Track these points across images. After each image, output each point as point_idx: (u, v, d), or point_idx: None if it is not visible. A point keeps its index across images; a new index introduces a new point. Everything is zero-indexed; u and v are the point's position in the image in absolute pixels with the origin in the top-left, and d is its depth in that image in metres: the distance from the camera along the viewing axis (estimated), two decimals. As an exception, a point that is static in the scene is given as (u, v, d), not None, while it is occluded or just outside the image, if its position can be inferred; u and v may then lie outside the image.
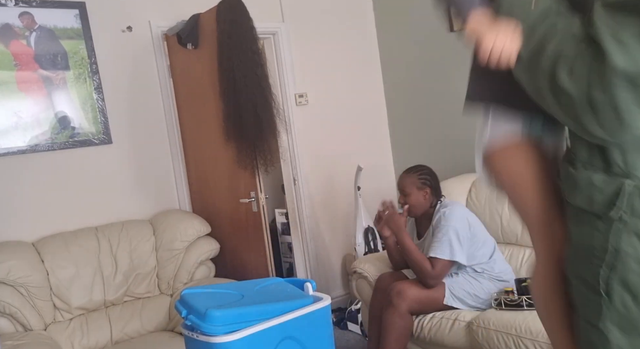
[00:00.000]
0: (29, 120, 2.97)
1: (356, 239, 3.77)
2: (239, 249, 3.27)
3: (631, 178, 0.94)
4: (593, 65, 0.87)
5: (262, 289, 2.04)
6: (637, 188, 0.93)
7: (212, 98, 3.07)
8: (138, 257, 3.03)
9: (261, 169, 2.99)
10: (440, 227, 2.62)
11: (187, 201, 3.52)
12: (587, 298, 1.01)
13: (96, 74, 3.17)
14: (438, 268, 2.57)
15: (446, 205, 2.70)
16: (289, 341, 1.88)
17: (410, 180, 2.74)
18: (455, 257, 2.57)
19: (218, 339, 1.74)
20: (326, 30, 4.00)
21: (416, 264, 2.60)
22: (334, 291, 4.02)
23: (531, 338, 2.24)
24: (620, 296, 0.96)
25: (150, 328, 2.93)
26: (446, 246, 2.57)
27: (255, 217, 3.08)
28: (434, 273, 2.56)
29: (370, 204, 3.89)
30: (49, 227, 2.98)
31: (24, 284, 2.63)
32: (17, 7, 2.94)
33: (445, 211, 2.64)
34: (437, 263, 2.57)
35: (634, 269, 0.94)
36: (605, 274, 0.97)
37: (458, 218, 2.62)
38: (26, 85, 2.97)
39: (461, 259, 2.58)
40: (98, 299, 2.88)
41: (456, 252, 2.56)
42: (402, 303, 2.57)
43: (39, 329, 2.65)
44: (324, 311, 1.98)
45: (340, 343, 3.41)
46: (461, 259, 2.58)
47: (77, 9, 3.10)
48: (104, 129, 3.20)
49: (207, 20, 3.04)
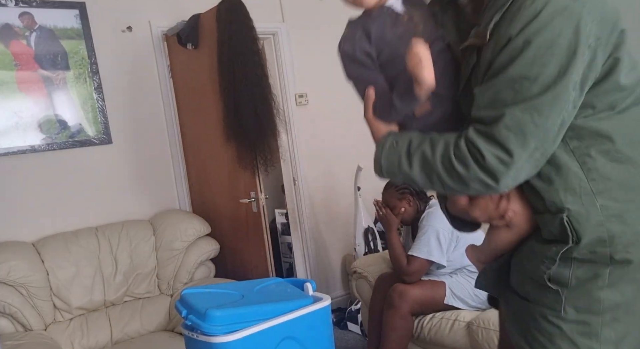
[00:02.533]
0: (29, 120, 2.97)
1: (356, 239, 3.77)
2: (239, 249, 3.27)
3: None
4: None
5: (262, 289, 2.04)
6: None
7: (212, 98, 3.07)
8: (138, 257, 3.03)
9: (261, 169, 2.99)
10: (421, 227, 2.65)
11: (187, 201, 3.52)
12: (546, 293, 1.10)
13: (96, 74, 3.17)
14: (413, 266, 2.60)
15: (431, 205, 2.71)
16: (289, 341, 1.88)
17: (389, 193, 2.78)
18: (432, 256, 2.57)
19: (218, 339, 1.74)
20: (326, 30, 4.00)
21: (395, 260, 2.68)
22: (334, 291, 4.02)
23: (531, 338, 2.24)
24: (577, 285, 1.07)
25: (150, 328, 2.93)
26: (424, 245, 2.58)
27: (255, 217, 3.08)
28: (408, 269, 2.61)
29: (370, 204, 3.88)
30: (49, 227, 2.98)
31: (24, 284, 2.63)
32: (17, 7, 2.94)
33: (430, 211, 2.66)
34: (413, 260, 2.60)
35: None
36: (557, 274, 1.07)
37: (440, 218, 2.63)
38: (26, 85, 2.97)
39: (439, 259, 2.59)
40: (98, 299, 2.89)
41: (433, 252, 2.57)
42: (403, 304, 2.57)
43: (39, 329, 2.65)
44: (324, 311, 1.98)
45: (340, 343, 3.41)
46: (439, 259, 2.59)
47: (77, 9, 3.10)
48: (104, 129, 3.20)
49: (207, 21, 3.04)
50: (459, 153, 0.98)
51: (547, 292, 1.08)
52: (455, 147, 0.99)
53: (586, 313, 1.06)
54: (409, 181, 1.07)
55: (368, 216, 3.81)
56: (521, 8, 0.94)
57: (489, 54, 0.99)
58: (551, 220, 1.04)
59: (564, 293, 1.06)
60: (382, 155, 1.09)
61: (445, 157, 1.00)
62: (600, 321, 1.06)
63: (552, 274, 1.05)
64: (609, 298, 1.05)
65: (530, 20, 0.93)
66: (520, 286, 1.14)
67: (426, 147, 1.03)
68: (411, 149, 1.05)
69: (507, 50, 0.95)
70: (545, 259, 1.06)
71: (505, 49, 0.95)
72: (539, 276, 1.06)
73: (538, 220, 1.09)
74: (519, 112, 0.94)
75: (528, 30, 0.93)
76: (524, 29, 0.93)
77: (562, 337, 1.07)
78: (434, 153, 1.01)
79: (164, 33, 3.40)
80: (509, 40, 0.94)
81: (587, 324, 1.06)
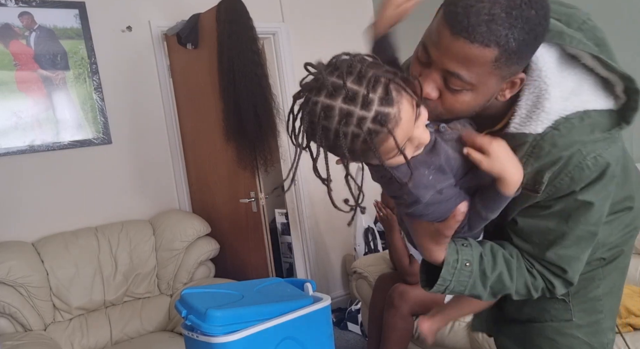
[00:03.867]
0: (28, 120, 2.97)
1: (356, 239, 3.77)
2: (239, 249, 3.27)
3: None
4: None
5: (262, 290, 2.04)
6: None
7: (212, 98, 3.06)
8: (138, 257, 3.03)
9: (261, 169, 2.99)
10: None
11: (187, 201, 3.51)
12: (552, 303, 1.13)
13: (96, 74, 3.17)
14: (415, 266, 2.62)
15: None
16: (289, 341, 1.88)
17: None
18: None
19: (218, 339, 1.74)
20: (326, 30, 4.00)
21: (397, 260, 2.70)
22: (334, 291, 4.02)
23: (531, 338, 2.24)
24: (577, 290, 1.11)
25: (150, 328, 2.93)
26: None
27: (255, 217, 3.08)
28: (410, 269, 2.63)
29: (370, 204, 3.88)
30: (49, 227, 2.98)
31: (24, 284, 2.62)
32: (17, 7, 2.93)
33: None
34: (415, 261, 2.63)
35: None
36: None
37: None
38: (26, 85, 2.97)
39: None
40: (98, 299, 2.88)
41: None
42: (404, 305, 2.57)
43: (38, 329, 2.65)
44: (324, 311, 1.98)
45: (340, 343, 3.41)
46: None
47: (77, 9, 3.10)
48: (104, 129, 3.20)
49: (207, 20, 3.04)
50: (536, 283, 1.02)
51: (552, 305, 1.10)
52: (531, 276, 1.01)
53: (593, 313, 1.10)
54: (474, 296, 1.05)
55: (368, 216, 3.81)
56: (584, 168, 0.92)
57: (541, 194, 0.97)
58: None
59: (570, 301, 1.09)
60: (453, 277, 0.99)
61: (524, 286, 1.02)
62: (603, 315, 1.11)
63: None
64: (604, 291, 1.10)
65: (594, 180, 0.92)
66: (518, 312, 1.16)
67: (504, 275, 1.00)
68: (487, 272, 1.00)
69: (568, 202, 0.95)
70: None
71: (566, 200, 0.95)
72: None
73: None
74: (580, 258, 1.00)
75: (592, 190, 0.93)
76: (587, 188, 0.93)
77: (581, 344, 1.10)
78: (512, 281, 1.01)
79: (163, 33, 3.39)
80: (572, 193, 0.94)
81: (596, 322, 1.10)
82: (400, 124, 0.81)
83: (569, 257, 0.98)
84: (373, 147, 0.80)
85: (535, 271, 1.01)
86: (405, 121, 0.81)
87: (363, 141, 0.80)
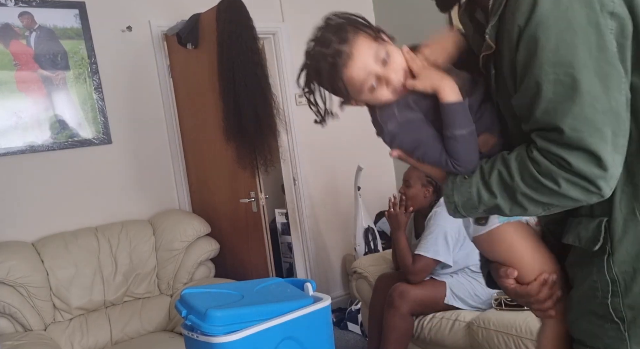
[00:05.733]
0: (28, 120, 2.97)
1: (356, 239, 3.77)
2: (239, 249, 3.27)
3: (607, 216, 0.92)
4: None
5: (262, 290, 2.04)
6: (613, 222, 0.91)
7: (212, 98, 3.06)
8: (138, 257, 3.03)
9: (261, 169, 2.99)
10: (429, 226, 2.63)
11: (187, 201, 3.51)
12: (606, 330, 0.94)
13: (96, 74, 3.17)
14: (418, 265, 2.59)
15: (440, 204, 2.69)
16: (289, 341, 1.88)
17: (418, 174, 2.73)
18: (438, 256, 2.56)
19: (218, 339, 1.74)
20: (326, 30, 4.00)
21: (400, 258, 2.66)
22: (334, 291, 4.02)
23: (531, 338, 2.23)
24: (634, 318, 0.90)
25: (150, 328, 2.93)
26: (431, 245, 2.57)
27: (255, 217, 3.08)
28: (414, 268, 2.59)
29: (370, 204, 3.88)
30: (49, 227, 2.98)
31: (24, 284, 2.62)
32: (17, 7, 2.93)
33: (438, 210, 2.64)
34: (418, 259, 2.59)
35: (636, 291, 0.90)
36: (614, 303, 0.91)
37: (448, 218, 2.61)
38: (26, 85, 2.96)
39: (446, 259, 2.58)
40: (98, 299, 2.88)
41: (440, 251, 2.56)
42: (404, 305, 2.56)
43: (38, 329, 2.65)
44: (324, 311, 1.98)
45: (340, 343, 3.41)
46: (446, 259, 2.58)
47: (77, 9, 3.10)
48: (104, 129, 3.20)
49: (207, 20, 3.04)
50: (541, 168, 0.84)
51: (605, 332, 0.92)
52: (533, 163, 0.85)
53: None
54: (495, 211, 0.93)
55: (368, 216, 3.81)
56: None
57: (507, 58, 0.88)
58: (587, 223, 0.92)
59: (625, 329, 0.90)
60: (454, 191, 0.94)
61: (528, 176, 0.86)
62: None
63: (611, 301, 0.90)
64: None
65: (533, 4, 0.81)
66: (572, 325, 0.99)
67: (501, 170, 0.89)
68: (485, 176, 0.91)
69: (523, 43, 0.83)
70: (594, 281, 0.92)
71: (521, 44, 0.84)
72: (602, 305, 0.92)
73: (568, 223, 0.97)
74: (574, 106, 0.81)
75: (536, 16, 0.81)
76: (531, 16, 0.81)
77: None
78: (511, 176, 0.88)
79: (163, 33, 3.39)
80: (520, 33, 0.83)
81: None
82: (354, 58, 0.97)
83: (554, 110, 0.81)
84: (338, 78, 1.00)
85: (535, 153, 0.84)
86: (360, 56, 0.97)
87: (329, 73, 1.01)
